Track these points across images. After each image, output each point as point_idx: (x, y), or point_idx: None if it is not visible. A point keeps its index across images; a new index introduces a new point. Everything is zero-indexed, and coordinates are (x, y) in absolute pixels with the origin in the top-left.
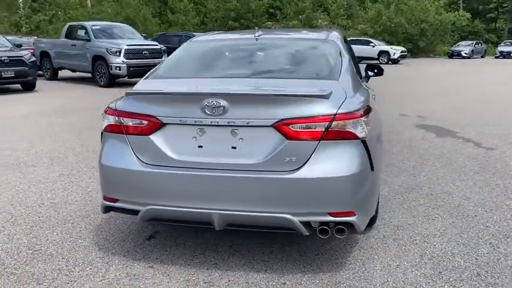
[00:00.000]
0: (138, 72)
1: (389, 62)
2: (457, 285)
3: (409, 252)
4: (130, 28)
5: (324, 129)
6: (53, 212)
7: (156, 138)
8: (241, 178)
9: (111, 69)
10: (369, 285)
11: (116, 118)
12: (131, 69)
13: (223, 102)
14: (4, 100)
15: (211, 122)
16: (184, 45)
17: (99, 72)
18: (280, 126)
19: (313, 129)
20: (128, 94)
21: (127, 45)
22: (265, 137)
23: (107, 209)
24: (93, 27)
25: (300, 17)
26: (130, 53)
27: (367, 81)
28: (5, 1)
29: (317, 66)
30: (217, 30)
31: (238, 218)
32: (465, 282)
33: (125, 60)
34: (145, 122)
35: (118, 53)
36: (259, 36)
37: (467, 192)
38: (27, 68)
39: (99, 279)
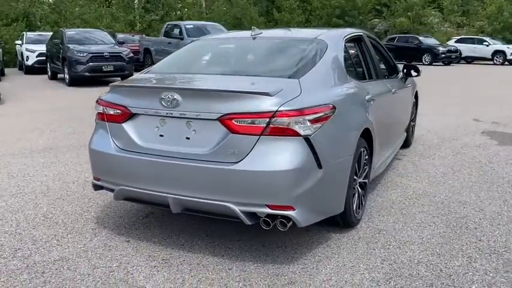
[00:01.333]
0: None
1: (506, 63)
2: None
3: (372, 256)
4: (221, 27)
5: (265, 125)
6: (81, 188)
7: (127, 126)
8: (191, 167)
9: None
10: (309, 281)
11: (101, 108)
12: None
13: (176, 96)
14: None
15: (167, 114)
16: (189, 44)
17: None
18: (225, 120)
19: (254, 124)
20: (111, 87)
21: None
22: (212, 129)
23: (94, 187)
24: (187, 26)
25: (409, 13)
26: None
27: (404, 82)
28: (123, 2)
29: (285, 65)
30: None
31: (190, 204)
32: None
33: None
34: (119, 111)
35: None
36: (256, 35)
37: (485, 204)
38: (124, 63)
39: (80, 246)
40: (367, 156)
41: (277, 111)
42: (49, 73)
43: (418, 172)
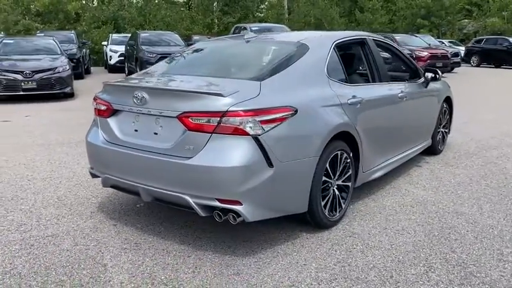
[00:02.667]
0: None
1: None
2: None
3: (330, 257)
4: (286, 28)
5: (216, 124)
6: None
7: (111, 121)
8: (156, 160)
9: None
10: (255, 274)
11: (95, 104)
12: None
13: (144, 95)
14: None
15: (138, 110)
16: (190, 47)
17: None
18: (182, 118)
19: (207, 123)
20: (103, 85)
21: None
22: (173, 126)
23: (91, 175)
24: (252, 28)
25: (504, 13)
26: None
27: (425, 86)
28: (202, 5)
29: (255, 68)
30: (405, 29)
31: (157, 194)
32: None
33: None
34: (105, 107)
35: None
36: (249, 38)
37: (483, 217)
38: None
39: (73, 226)
40: (348, 160)
41: (227, 111)
42: (126, 72)
43: (430, 180)
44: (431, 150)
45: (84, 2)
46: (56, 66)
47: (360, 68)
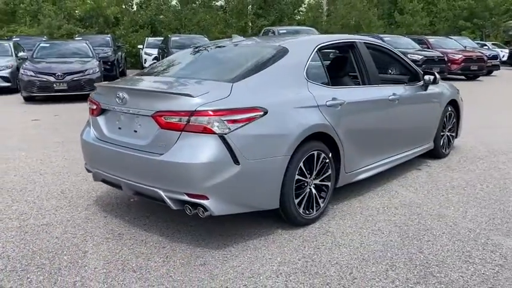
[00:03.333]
0: None
1: None
2: None
3: (297, 252)
4: (314, 31)
5: (185, 122)
6: None
7: (100, 120)
8: (135, 156)
9: None
10: (220, 265)
11: (89, 104)
12: None
13: (125, 95)
14: None
15: (120, 109)
16: (185, 50)
17: None
18: (156, 117)
19: (177, 122)
20: (96, 86)
21: None
22: (149, 124)
23: (86, 170)
24: (280, 31)
25: None
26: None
27: (424, 89)
28: (236, 9)
29: (231, 70)
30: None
31: (136, 188)
32: None
33: None
34: (95, 106)
35: None
36: (237, 42)
37: (465, 220)
38: None
39: (68, 216)
40: (327, 160)
41: (195, 110)
42: None
43: (425, 183)
44: (435, 154)
45: (124, 6)
46: (86, 69)
47: (348, 70)
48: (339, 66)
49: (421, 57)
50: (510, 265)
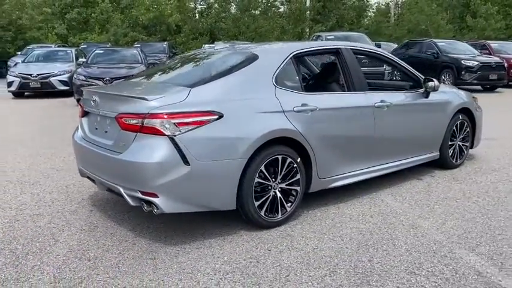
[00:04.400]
0: None
1: None
2: None
3: (247, 253)
4: (365, 37)
5: (140, 124)
6: None
7: (84, 121)
8: (103, 155)
9: None
10: (170, 261)
11: (78, 106)
12: None
13: (97, 98)
14: None
15: (95, 111)
16: (176, 57)
17: None
18: (118, 118)
19: (134, 123)
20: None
21: None
22: (114, 125)
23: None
24: (328, 37)
25: None
26: None
27: (426, 96)
28: (293, 15)
29: (196, 75)
30: None
31: (106, 185)
32: None
33: None
34: (81, 108)
35: None
36: (219, 49)
37: (436, 232)
38: None
39: (59, 208)
40: (295, 165)
41: (148, 113)
42: None
43: (417, 193)
44: (442, 164)
45: (188, 14)
46: (133, 74)
47: (337, 77)
48: (326, 73)
49: (476, 63)
50: (456, 279)
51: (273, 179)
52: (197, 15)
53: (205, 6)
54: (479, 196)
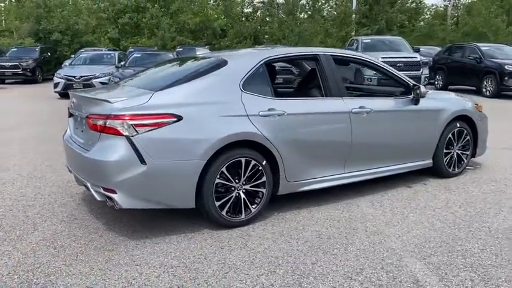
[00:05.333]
0: (389, 83)
1: None
2: None
3: (199, 250)
4: (403, 41)
5: (103, 124)
6: None
7: (70, 121)
8: (77, 152)
9: (364, 80)
10: (125, 253)
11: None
12: (382, 81)
13: (75, 100)
14: None
15: (73, 112)
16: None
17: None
18: (87, 119)
19: (98, 124)
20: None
21: (382, 57)
22: (86, 125)
23: None
24: (364, 41)
25: None
26: None
27: (415, 103)
28: (338, 18)
29: (164, 80)
30: None
31: (80, 180)
32: None
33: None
34: (68, 110)
35: None
36: (201, 54)
37: (389, 240)
38: None
39: (51, 200)
40: (260, 167)
41: (110, 114)
42: None
43: (398, 201)
44: (437, 172)
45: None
46: None
47: (305, 82)
48: (303, 79)
49: None
50: (390, 286)
51: (237, 181)
52: (243, 19)
53: (250, 10)
54: (461, 206)
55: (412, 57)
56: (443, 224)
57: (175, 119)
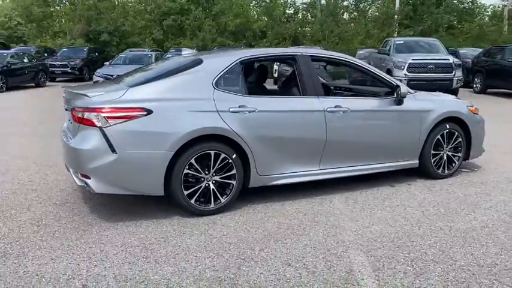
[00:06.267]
0: (419, 86)
1: None
2: None
3: (144, 236)
4: (438, 43)
5: (82, 116)
6: None
7: (66, 114)
8: (64, 141)
9: None
10: (90, 238)
11: None
12: (411, 82)
13: (66, 95)
14: None
15: (64, 105)
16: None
17: None
18: (72, 111)
19: (78, 116)
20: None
21: (412, 59)
22: (71, 117)
23: None
24: (396, 42)
25: None
26: (414, 67)
27: (397, 103)
28: (380, 19)
29: (145, 77)
30: None
31: (67, 166)
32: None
33: (407, 73)
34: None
35: (402, 67)
36: (186, 54)
37: (351, 233)
38: None
39: (51, 188)
40: (230, 160)
41: (86, 107)
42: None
43: (374, 199)
44: (426, 173)
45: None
46: None
47: (282, 81)
48: (280, 78)
49: None
50: (322, 272)
51: (206, 172)
52: (284, 20)
53: (292, 12)
54: (435, 206)
55: (444, 59)
56: (406, 221)
57: (145, 113)
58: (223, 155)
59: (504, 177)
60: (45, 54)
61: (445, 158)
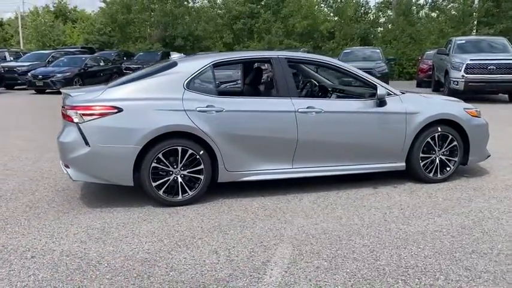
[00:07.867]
0: (479, 87)
1: None
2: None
3: (108, 223)
4: (505, 41)
5: (65, 113)
6: None
7: None
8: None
9: (450, 83)
10: (65, 220)
11: None
12: (469, 84)
13: (62, 95)
14: None
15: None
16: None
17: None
18: (62, 110)
19: (64, 113)
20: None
21: (471, 59)
22: None
23: None
24: (457, 42)
25: None
26: (473, 68)
27: (378, 105)
28: (456, 17)
29: (123, 79)
30: None
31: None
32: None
33: (465, 75)
34: None
35: (460, 68)
36: (175, 58)
37: (313, 238)
38: None
39: (50, 182)
40: (197, 156)
41: (67, 105)
42: None
43: (348, 200)
44: (415, 177)
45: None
46: None
47: (255, 83)
48: (253, 80)
49: None
50: (239, 260)
51: (174, 166)
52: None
53: (362, 12)
54: (402, 209)
55: (507, 59)
56: (360, 221)
57: (116, 111)
58: (190, 151)
59: (504, 184)
60: (124, 58)
61: (437, 161)
